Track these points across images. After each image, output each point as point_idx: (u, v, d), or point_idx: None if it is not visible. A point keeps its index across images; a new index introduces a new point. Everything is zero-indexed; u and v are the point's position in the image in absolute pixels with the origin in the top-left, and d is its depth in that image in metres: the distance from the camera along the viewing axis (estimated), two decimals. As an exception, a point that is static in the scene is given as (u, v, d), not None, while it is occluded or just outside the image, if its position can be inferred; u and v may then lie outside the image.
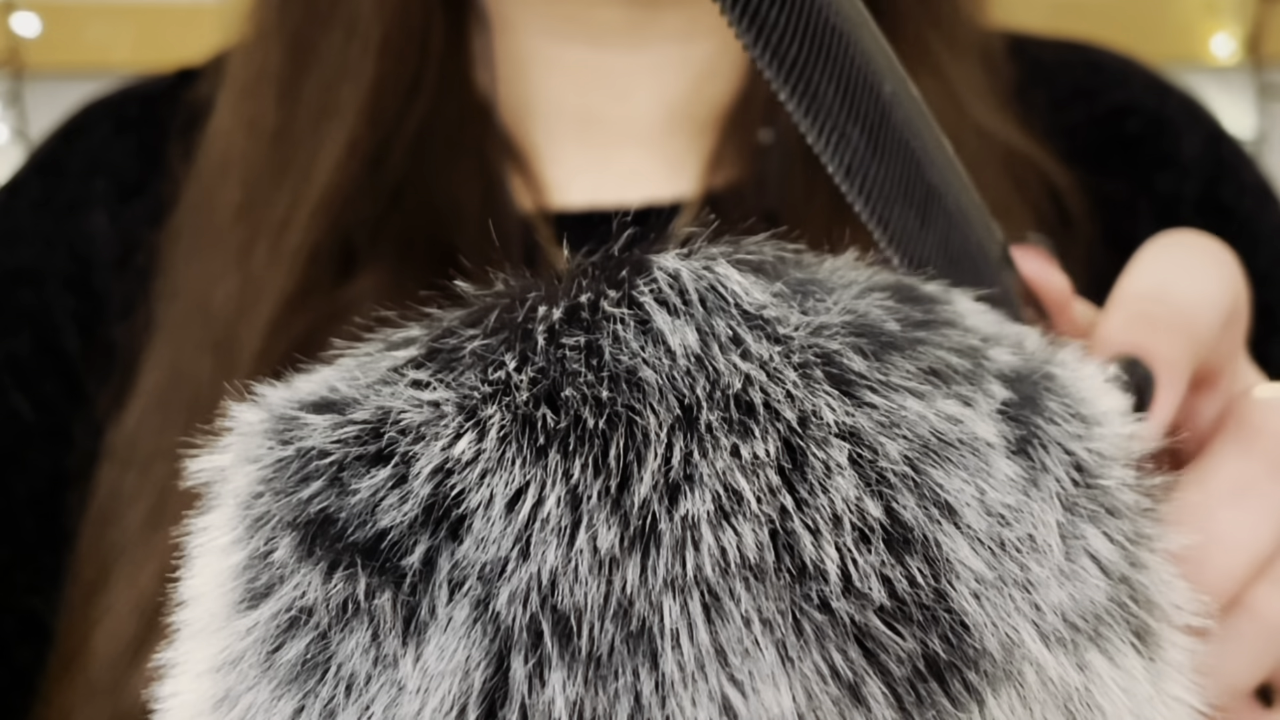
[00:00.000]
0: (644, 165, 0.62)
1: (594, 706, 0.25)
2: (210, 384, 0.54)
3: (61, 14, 1.45)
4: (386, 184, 0.58)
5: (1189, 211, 0.64)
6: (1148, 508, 0.30)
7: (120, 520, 0.55)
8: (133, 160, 0.65)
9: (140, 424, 0.57)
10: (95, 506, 0.57)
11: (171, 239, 0.60)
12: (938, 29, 0.62)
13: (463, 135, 0.60)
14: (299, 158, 0.58)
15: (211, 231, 0.59)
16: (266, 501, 0.28)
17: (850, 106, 0.32)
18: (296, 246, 0.56)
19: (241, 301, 0.56)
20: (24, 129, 1.44)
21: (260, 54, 0.61)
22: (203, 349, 0.56)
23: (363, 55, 0.58)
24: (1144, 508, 0.30)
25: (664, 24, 0.62)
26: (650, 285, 0.29)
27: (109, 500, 0.56)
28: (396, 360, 0.30)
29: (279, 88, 0.60)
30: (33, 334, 0.62)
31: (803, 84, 0.31)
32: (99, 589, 0.55)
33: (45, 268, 0.63)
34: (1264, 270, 0.63)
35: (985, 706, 0.26)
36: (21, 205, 0.65)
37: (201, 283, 0.58)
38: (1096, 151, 0.64)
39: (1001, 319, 0.32)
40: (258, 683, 0.27)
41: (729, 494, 0.26)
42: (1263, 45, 1.57)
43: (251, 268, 0.57)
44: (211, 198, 0.59)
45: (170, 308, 0.59)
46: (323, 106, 0.58)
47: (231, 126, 0.60)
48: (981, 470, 0.27)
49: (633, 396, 0.27)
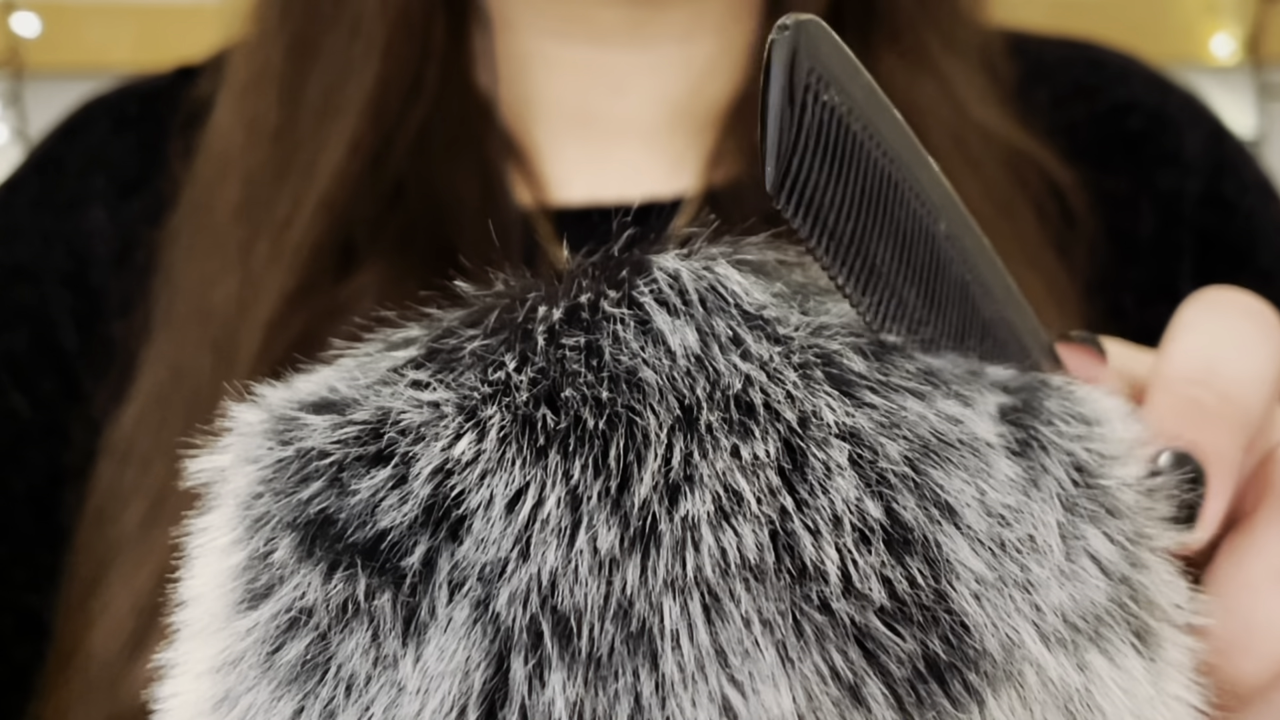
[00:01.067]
0: (644, 162, 0.62)
1: (594, 707, 0.25)
2: (210, 382, 0.54)
3: (61, 14, 1.45)
4: (387, 182, 0.58)
5: (1191, 209, 0.64)
6: (1148, 507, 0.30)
7: (118, 518, 0.55)
8: (132, 157, 0.65)
9: (139, 422, 0.57)
10: (93, 504, 0.57)
11: (171, 238, 0.60)
12: (937, 29, 0.62)
13: (463, 132, 0.60)
14: (301, 157, 0.58)
15: (211, 230, 0.59)
16: (266, 502, 0.28)
17: (906, 265, 0.30)
18: (297, 245, 0.56)
19: (241, 300, 0.56)
20: (24, 129, 1.44)
21: (262, 54, 0.61)
22: (202, 347, 0.56)
23: (366, 55, 0.58)
24: (1144, 507, 0.30)
25: (665, 24, 0.62)
26: (650, 285, 0.29)
27: (107, 498, 0.56)
28: (396, 360, 0.30)
29: (280, 87, 0.60)
30: (30, 331, 0.62)
31: (859, 259, 0.29)
32: (97, 587, 0.55)
33: (43, 265, 0.63)
34: (1267, 267, 0.63)
35: (985, 707, 0.26)
36: (20, 202, 0.65)
37: (201, 281, 0.58)
38: (1098, 149, 0.64)
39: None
40: (257, 683, 0.27)
41: (729, 494, 0.26)
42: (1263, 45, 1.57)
43: (252, 266, 0.57)
44: (211, 197, 0.59)
45: (169, 306, 0.59)
46: (325, 106, 0.58)
47: (232, 126, 0.60)
48: (982, 471, 0.27)
49: (633, 397, 0.27)
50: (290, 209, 0.57)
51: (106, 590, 0.54)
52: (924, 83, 0.60)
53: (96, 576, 0.55)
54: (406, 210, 0.58)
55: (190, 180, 0.61)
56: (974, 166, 0.59)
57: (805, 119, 0.27)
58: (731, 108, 0.62)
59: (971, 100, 0.61)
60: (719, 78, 0.63)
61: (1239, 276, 0.63)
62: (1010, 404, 0.29)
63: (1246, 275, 0.63)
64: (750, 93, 0.61)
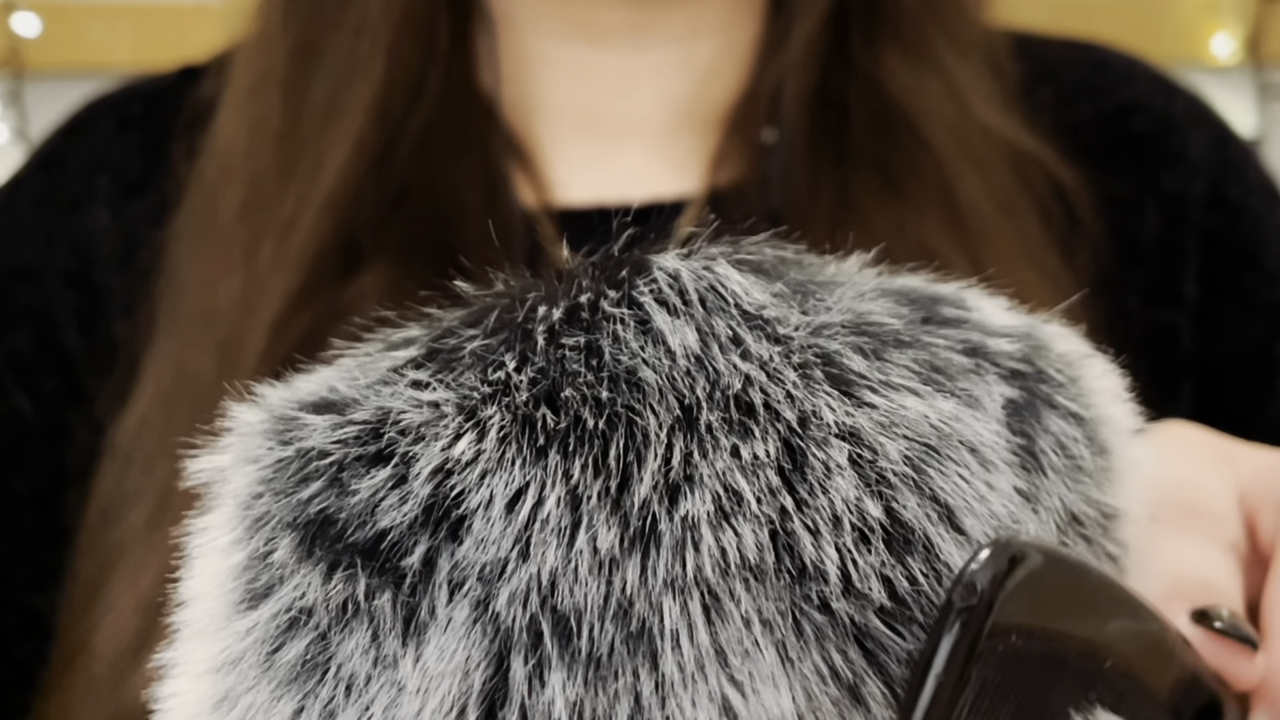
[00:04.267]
0: (648, 163, 0.62)
1: (594, 707, 0.25)
2: (214, 383, 0.54)
3: (61, 14, 1.45)
4: (391, 183, 0.58)
5: (1196, 210, 0.64)
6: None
7: (123, 519, 0.55)
8: (135, 157, 0.65)
9: (143, 423, 0.57)
10: (96, 504, 0.57)
11: (175, 239, 0.60)
12: (942, 28, 0.62)
13: (467, 133, 0.60)
14: (306, 158, 0.58)
15: (215, 231, 0.59)
16: (266, 502, 0.28)
17: None
18: (302, 246, 0.56)
19: (246, 300, 0.56)
20: (24, 129, 1.44)
21: (265, 56, 0.61)
22: (206, 348, 0.56)
23: (371, 56, 0.58)
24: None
25: (667, 25, 0.62)
26: (650, 285, 0.29)
27: (111, 498, 0.56)
28: (396, 360, 0.30)
29: (284, 89, 0.60)
30: (34, 331, 0.62)
31: None
32: (100, 587, 0.55)
33: (47, 264, 0.63)
34: (1272, 270, 0.63)
35: None
36: (24, 202, 0.65)
37: (205, 282, 0.58)
38: (1102, 149, 0.64)
39: (1018, 315, 0.32)
40: (258, 683, 0.27)
41: (729, 494, 0.26)
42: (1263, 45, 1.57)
43: (256, 267, 0.57)
44: (215, 198, 0.60)
45: (173, 307, 0.59)
46: (329, 107, 0.58)
47: (236, 128, 0.60)
48: (981, 470, 0.27)
49: (633, 397, 0.27)
50: (295, 210, 0.57)
51: (110, 590, 0.54)
52: (928, 82, 0.60)
53: (100, 577, 0.55)
54: (409, 211, 0.58)
55: (194, 181, 0.61)
56: (978, 166, 0.59)
57: None
58: (735, 108, 0.62)
59: (976, 100, 0.61)
60: (722, 78, 0.63)
61: (1243, 279, 0.63)
62: (1013, 398, 0.29)
63: (1251, 277, 0.63)
64: (754, 93, 0.61)
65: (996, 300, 0.32)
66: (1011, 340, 0.30)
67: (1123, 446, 0.31)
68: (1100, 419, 0.30)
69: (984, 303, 0.32)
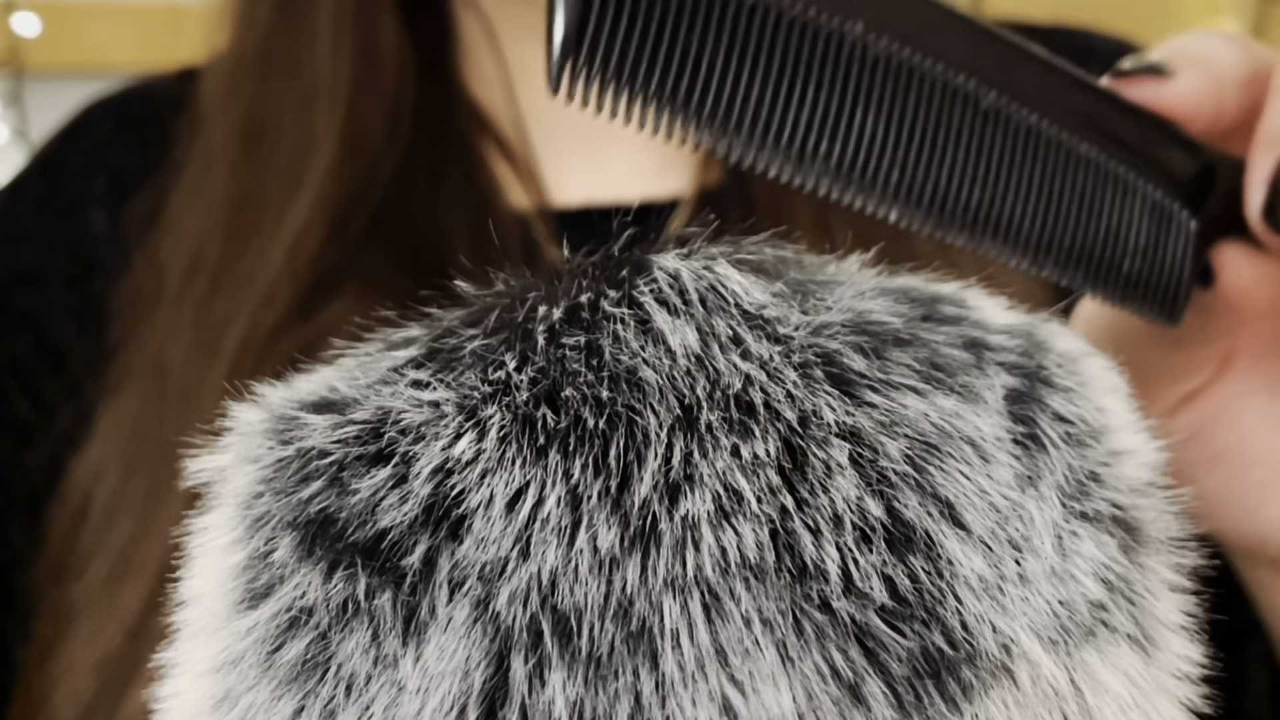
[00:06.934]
0: (639, 163, 0.62)
1: (594, 706, 0.25)
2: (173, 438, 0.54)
3: (61, 14, 1.45)
4: (359, 228, 0.58)
5: None
6: (1149, 507, 0.30)
7: (79, 575, 0.54)
8: (134, 159, 0.65)
9: (98, 475, 0.56)
10: (49, 556, 0.56)
11: (129, 297, 0.59)
12: None
13: (456, 141, 0.61)
14: (262, 228, 0.57)
15: (167, 291, 0.58)
16: (266, 501, 0.28)
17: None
18: (259, 300, 0.56)
19: (202, 354, 0.56)
20: (24, 129, 1.44)
21: (221, 129, 0.61)
22: (164, 403, 0.56)
23: (327, 130, 0.58)
24: (1145, 507, 0.30)
25: None
26: (650, 285, 0.29)
27: (65, 552, 0.55)
28: (396, 360, 0.30)
29: (233, 169, 0.59)
30: (34, 335, 0.62)
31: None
32: (56, 645, 0.54)
33: (47, 267, 0.63)
34: None
35: (984, 704, 0.26)
36: (24, 205, 0.65)
37: (157, 340, 0.57)
38: None
39: (1017, 314, 0.32)
40: (258, 683, 0.27)
41: (729, 494, 0.26)
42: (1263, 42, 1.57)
43: (210, 322, 0.56)
44: (167, 262, 0.59)
45: (128, 363, 0.58)
46: (287, 180, 0.58)
47: (190, 200, 0.60)
48: (982, 468, 0.28)
49: (633, 396, 0.27)
50: (251, 268, 0.57)
51: (69, 649, 0.53)
52: None
53: (56, 635, 0.54)
54: (384, 239, 0.58)
55: (148, 245, 0.60)
56: None
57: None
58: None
59: None
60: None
61: None
62: (1013, 395, 0.29)
63: None
64: None
65: (996, 299, 0.32)
66: (1011, 337, 0.30)
67: (1122, 439, 0.31)
68: (1101, 412, 0.30)
69: (983, 301, 0.32)
